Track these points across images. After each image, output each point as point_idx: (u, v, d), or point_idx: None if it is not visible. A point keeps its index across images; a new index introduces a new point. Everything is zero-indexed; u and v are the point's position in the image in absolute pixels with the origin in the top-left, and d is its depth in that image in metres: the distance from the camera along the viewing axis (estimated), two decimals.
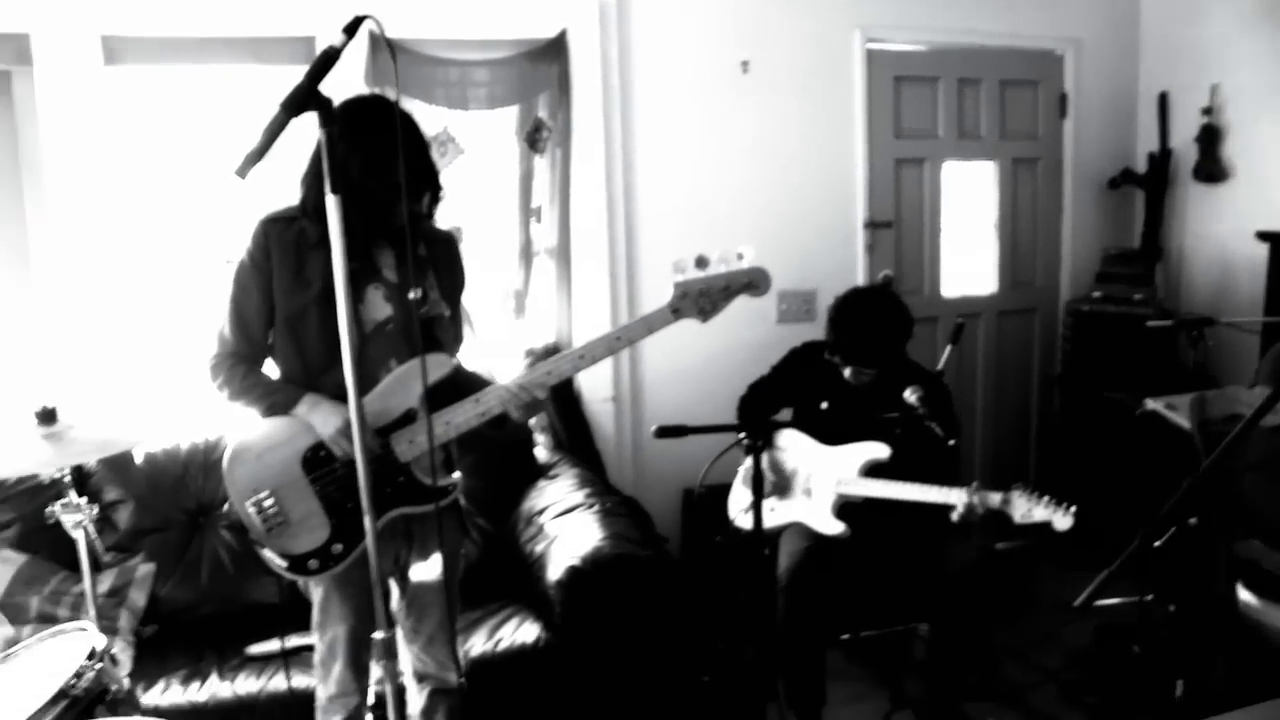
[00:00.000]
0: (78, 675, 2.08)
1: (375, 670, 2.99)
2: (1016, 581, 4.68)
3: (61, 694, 2.04)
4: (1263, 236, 4.62)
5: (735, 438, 3.53)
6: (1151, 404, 4.04)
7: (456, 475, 2.78)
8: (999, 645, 4.13)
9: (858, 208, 4.90)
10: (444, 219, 2.88)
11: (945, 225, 5.20)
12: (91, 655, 2.13)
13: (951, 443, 3.35)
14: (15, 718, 2.00)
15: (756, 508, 2.97)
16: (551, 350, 4.33)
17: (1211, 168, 5.09)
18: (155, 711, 2.92)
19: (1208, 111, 5.03)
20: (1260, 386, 3.60)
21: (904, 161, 5.01)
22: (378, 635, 2.23)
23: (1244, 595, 3.23)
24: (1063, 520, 3.11)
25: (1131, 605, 3.14)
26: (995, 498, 3.23)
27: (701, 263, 2.66)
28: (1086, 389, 5.06)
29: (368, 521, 2.16)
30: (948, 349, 3.80)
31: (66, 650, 2.22)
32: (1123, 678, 3.84)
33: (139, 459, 3.82)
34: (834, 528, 3.49)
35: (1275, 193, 4.81)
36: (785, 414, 3.89)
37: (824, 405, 3.71)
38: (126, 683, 2.24)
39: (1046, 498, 3.16)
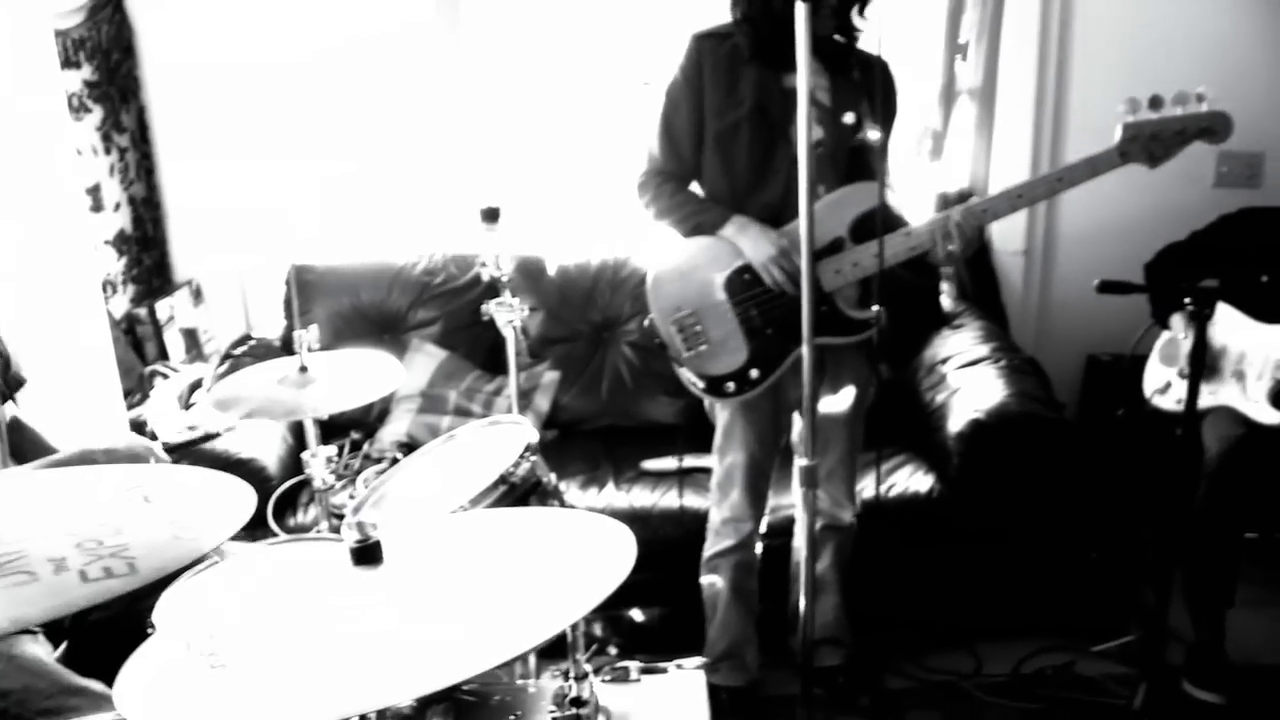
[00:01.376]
0: (515, 464, 2.17)
1: (770, 499, 3.02)
2: None
3: (502, 479, 2.13)
4: None
5: (1157, 305, 3.30)
6: None
7: (877, 309, 2.68)
8: None
9: None
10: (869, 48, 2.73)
11: None
12: (527, 448, 2.21)
13: None
14: (461, 495, 2.11)
15: (1194, 383, 2.71)
16: (965, 195, 4.10)
17: None
18: None
19: None
20: None
21: None
22: (803, 462, 2.19)
23: None
24: None
25: None
26: None
27: (1156, 103, 2.48)
28: None
29: (806, 350, 2.11)
30: None
31: (503, 440, 2.32)
32: None
33: (551, 271, 3.95)
34: (1271, 417, 3.16)
35: None
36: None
37: (1264, 279, 3.34)
38: (553, 477, 2.32)
39: None
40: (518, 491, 2.16)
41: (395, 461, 3.07)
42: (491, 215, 2.55)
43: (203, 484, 1.36)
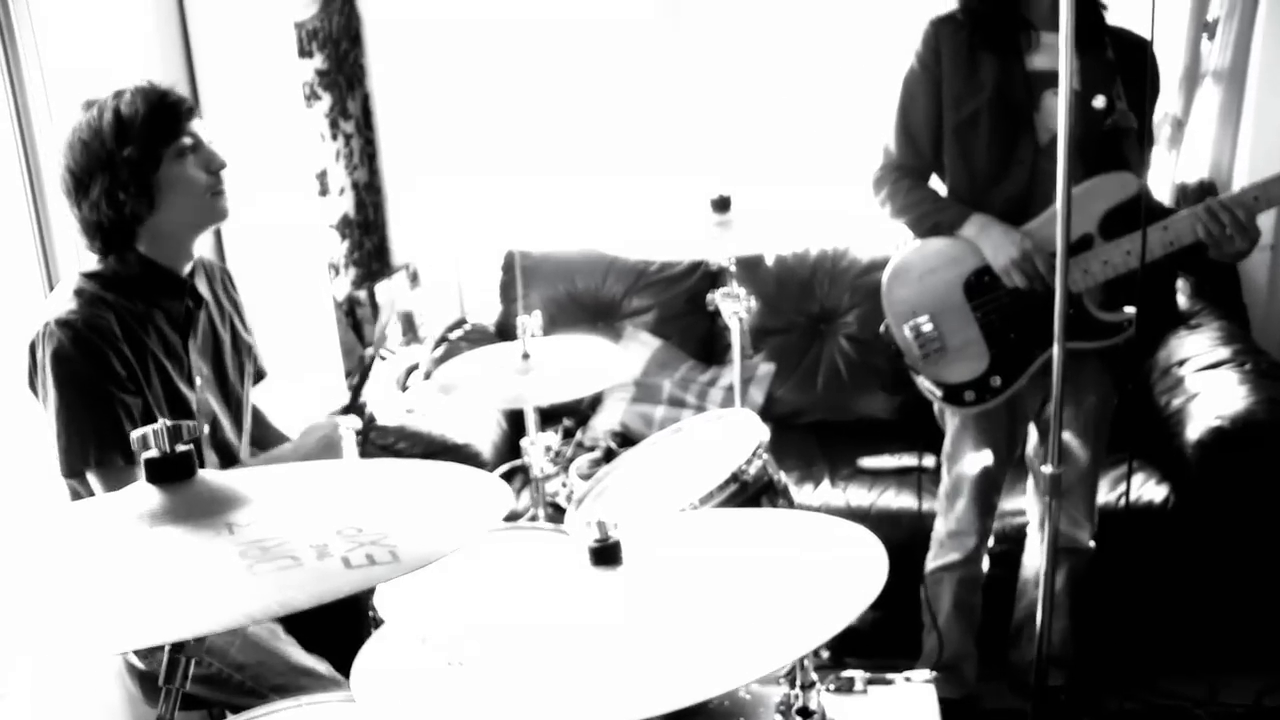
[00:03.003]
0: (748, 461, 2.11)
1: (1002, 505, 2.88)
2: None
3: (734, 477, 2.08)
4: None
5: None
6: None
7: (1130, 311, 2.51)
8: None
9: None
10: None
11: None
12: (759, 446, 2.15)
13: None
14: (692, 493, 2.06)
15: None
16: (1207, 187, 3.86)
17: None
18: None
19: None
20: None
21: None
22: (1047, 469, 2.08)
23: None
24: None
25: None
26: None
27: None
28: None
29: (1057, 351, 2.00)
30: None
31: (731, 435, 2.27)
32: None
33: (769, 260, 3.88)
34: None
35: None
36: None
37: None
38: (783, 476, 2.26)
39: None
40: (749, 490, 2.10)
41: (609, 451, 3.08)
42: (722, 204, 2.50)
43: (457, 479, 1.34)
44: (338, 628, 1.94)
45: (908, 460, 3.26)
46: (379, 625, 1.87)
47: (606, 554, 1.47)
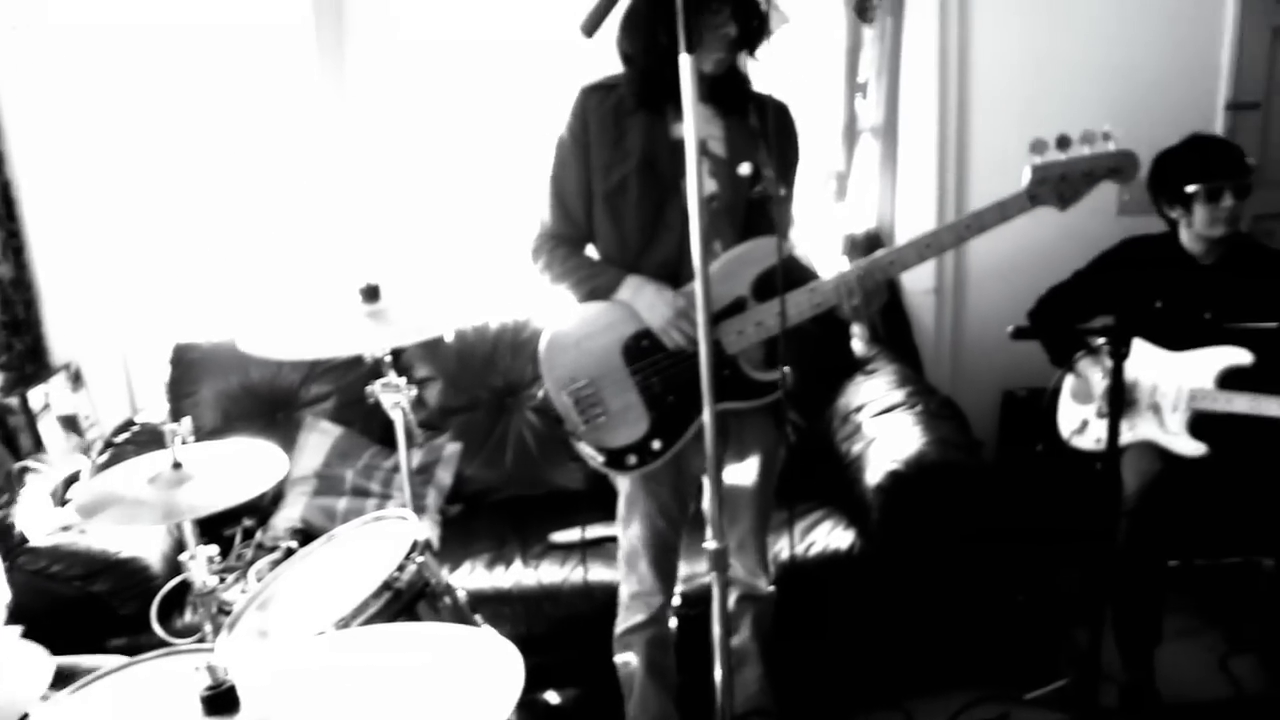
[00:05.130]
0: (400, 568, 2.00)
1: (683, 569, 2.88)
2: None
3: (386, 586, 1.97)
4: None
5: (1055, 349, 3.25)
6: None
7: (784, 370, 2.56)
8: None
9: (1220, 87, 4.29)
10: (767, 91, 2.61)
11: None
12: (413, 548, 2.05)
13: None
14: (342, 606, 1.94)
15: (1114, 422, 2.63)
16: (872, 237, 4.04)
17: None
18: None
19: None
20: None
21: None
22: (710, 545, 2.06)
23: None
24: None
25: None
26: None
27: (1063, 143, 2.38)
28: None
29: (707, 413, 1.97)
30: None
31: (388, 539, 2.15)
32: None
33: (449, 337, 3.78)
34: (1193, 448, 3.10)
35: None
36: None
37: (1158, 305, 3.29)
38: (445, 575, 2.16)
39: None
40: (404, 598, 2.00)
41: (289, 551, 2.90)
42: (372, 294, 2.40)
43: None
44: None
45: (599, 530, 3.22)
46: None
47: (221, 703, 1.35)
